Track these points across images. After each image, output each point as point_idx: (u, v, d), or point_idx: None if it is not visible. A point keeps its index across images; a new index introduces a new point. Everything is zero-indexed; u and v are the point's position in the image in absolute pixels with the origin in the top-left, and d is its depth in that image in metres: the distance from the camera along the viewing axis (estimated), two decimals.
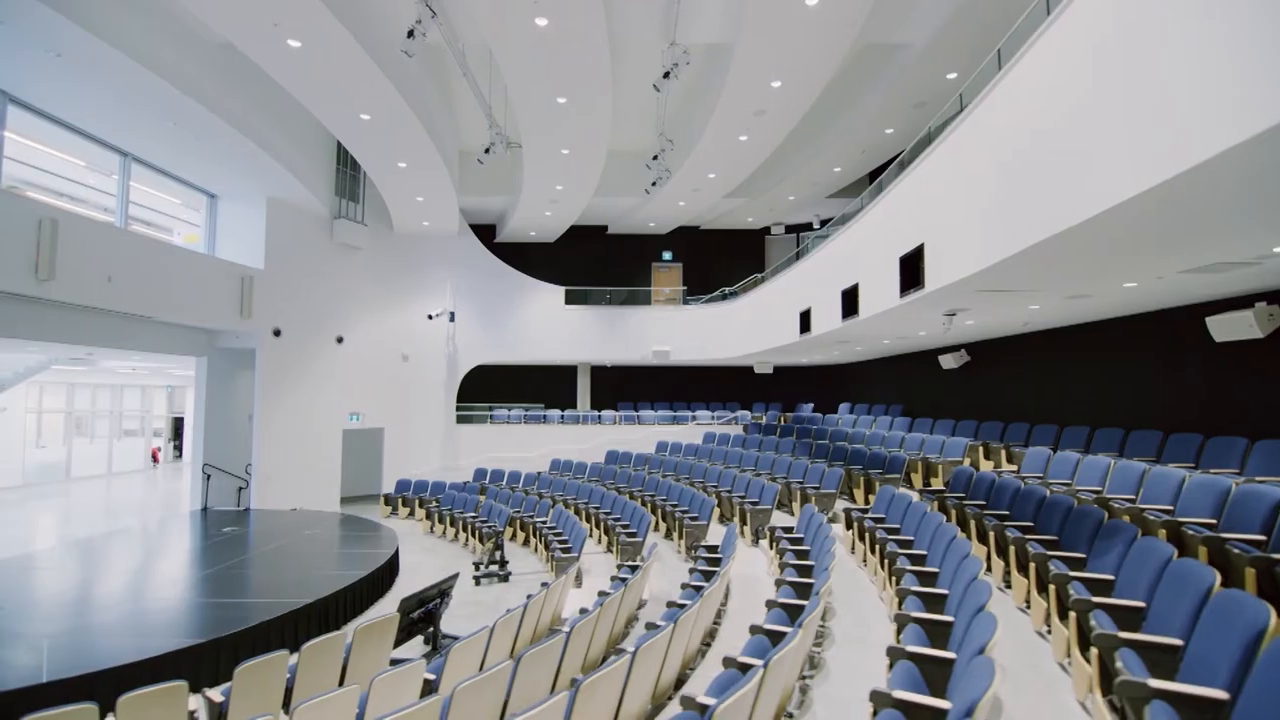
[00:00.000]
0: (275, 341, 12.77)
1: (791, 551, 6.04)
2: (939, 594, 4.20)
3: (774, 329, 11.96)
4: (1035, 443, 8.58)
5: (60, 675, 5.10)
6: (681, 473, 12.16)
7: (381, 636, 5.65)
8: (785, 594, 4.89)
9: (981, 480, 6.86)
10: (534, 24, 7.52)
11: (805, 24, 7.84)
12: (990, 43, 8.71)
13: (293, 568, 8.78)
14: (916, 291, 6.21)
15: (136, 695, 3.99)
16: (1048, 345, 9.05)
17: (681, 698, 3.25)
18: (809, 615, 3.80)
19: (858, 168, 13.43)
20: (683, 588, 5.92)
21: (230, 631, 6.08)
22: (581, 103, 9.49)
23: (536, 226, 16.07)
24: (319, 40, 7.50)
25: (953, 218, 5.50)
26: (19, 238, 7.91)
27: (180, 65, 8.53)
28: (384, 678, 4.35)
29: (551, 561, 9.20)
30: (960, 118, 5.39)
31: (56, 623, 6.38)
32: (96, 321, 9.93)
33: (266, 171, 11.34)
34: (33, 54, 7.65)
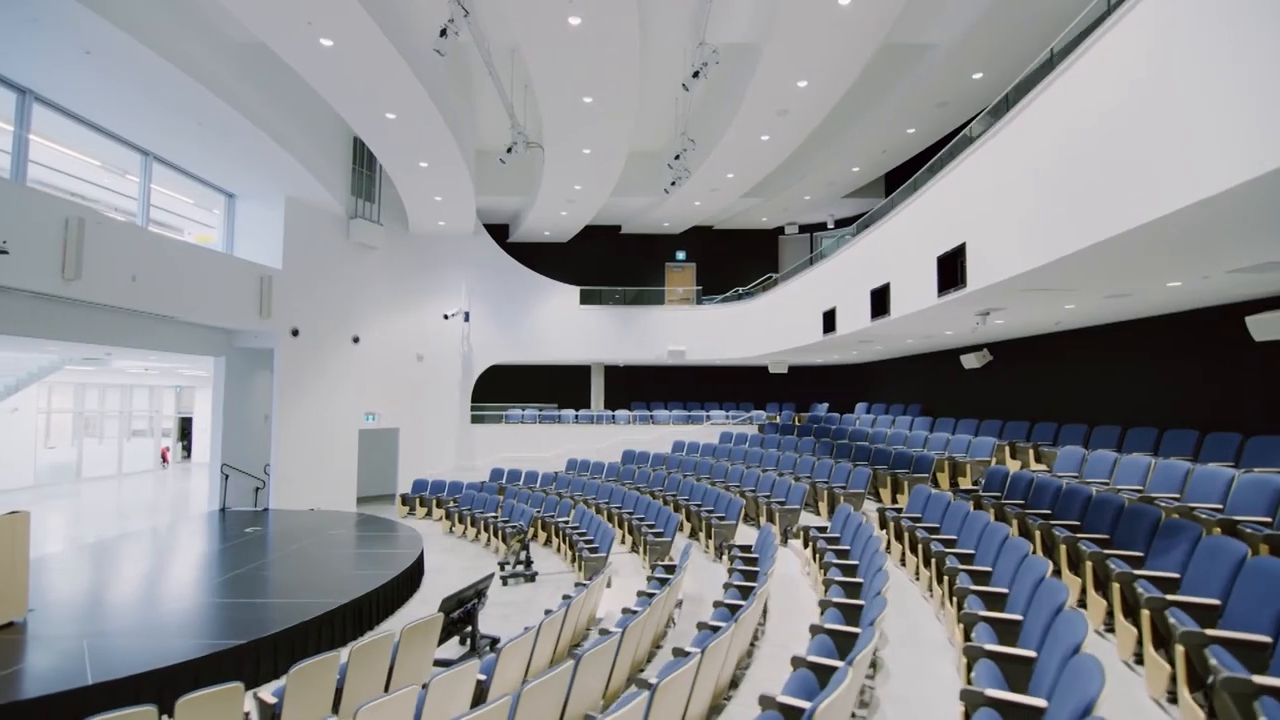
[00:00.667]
0: (293, 341, 12.73)
1: (833, 554, 5.98)
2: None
3: (794, 329, 11.96)
4: (1063, 442, 8.58)
5: (104, 678, 5.06)
6: (702, 472, 12.14)
7: (426, 637, 5.62)
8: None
9: (1019, 479, 6.85)
10: (567, 23, 7.50)
11: (836, 24, 7.83)
12: (1018, 44, 8.77)
13: (321, 568, 8.75)
14: (957, 291, 6.20)
15: (194, 697, 3.95)
16: (1074, 345, 9.06)
17: (761, 697, 3.23)
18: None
19: (877, 167, 13.44)
20: (726, 588, 5.90)
21: (270, 632, 6.05)
22: (608, 102, 9.47)
23: (551, 226, 16.05)
24: (351, 39, 7.47)
25: (999, 217, 5.49)
26: (46, 237, 7.87)
27: (208, 63, 8.51)
28: (441, 679, 4.34)
29: (578, 561, 9.19)
30: (1008, 117, 5.38)
31: (93, 624, 6.35)
32: (119, 321, 9.89)
33: (286, 171, 11.31)
34: (62, 52, 7.62)
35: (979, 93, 10.00)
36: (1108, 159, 4.07)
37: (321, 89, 8.79)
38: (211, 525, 11.23)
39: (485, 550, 11.15)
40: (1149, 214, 3.70)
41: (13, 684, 4.98)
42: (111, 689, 5.04)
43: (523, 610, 8.10)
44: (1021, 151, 5.17)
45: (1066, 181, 4.49)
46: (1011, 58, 9.07)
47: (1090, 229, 4.20)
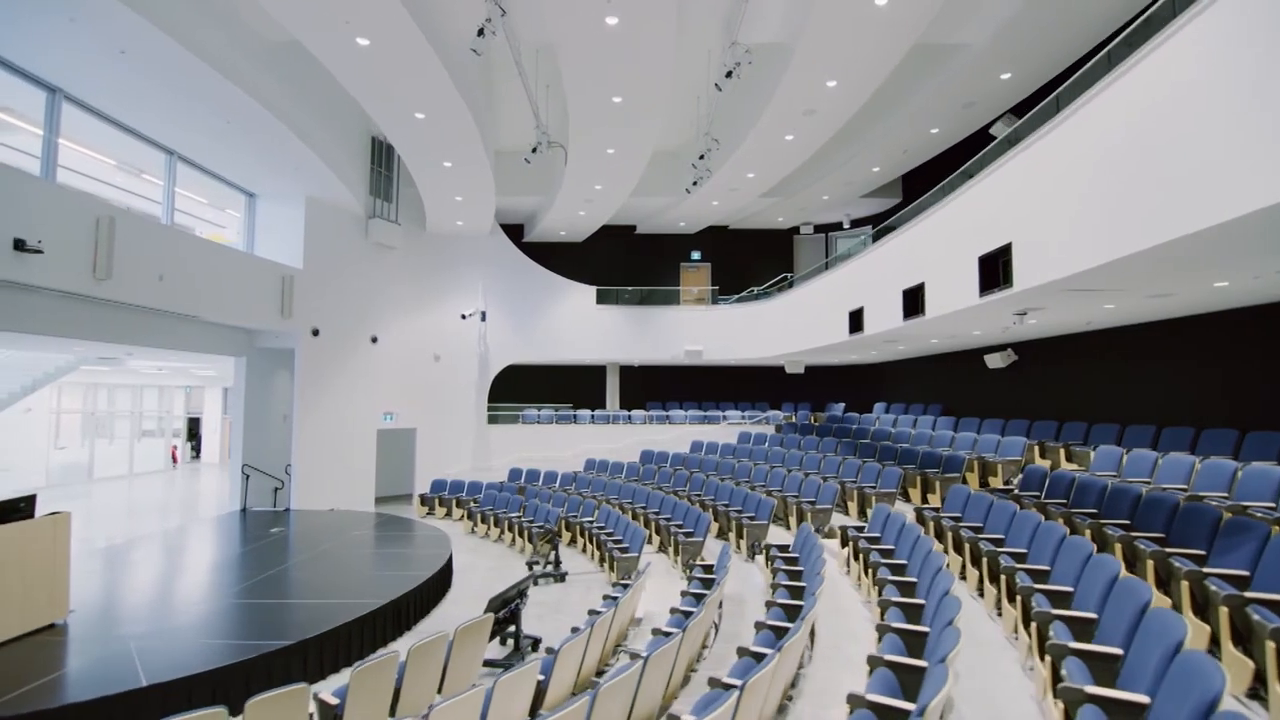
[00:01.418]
0: (313, 341, 12.70)
1: (882, 560, 5.90)
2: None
3: (816, 329, 11.96)
4: (1093, 442, 8.60)
5: (157, 679, 5.04)
6: (724, 472, 12.14)
7: (478, 637, 5.62)
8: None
9: (1060, 478, 6.87)
10: (604, 23, 7.50)
11: (871, 24, 7.84)
12: (1050, 44, 8.80)
13: (353, 568, 8.74)
14: (1001, 291, 6.21)
15: (263, 699, 3.94)
16: (1099, 344, 9.08)
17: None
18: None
19: (897, 167, 13.46)
20: (774, 587, 5.90)
21: (316, 633, 6.03)
22: (637, 102, 9.47)
23: (567, 226, 16.04)
24: (388, 38, 7.45)
25: (1050, 216, 5.49)
26: (77, 236, 7.84)
27: (239, 63, 8.48)
28: (506, 679, 4.34)
29: (609, 561, 9.18)
30: (1060, 118, 5.37)
31: (135, 625, 6.31)
32: (144, 321, 9.85)
33: (309, 171, 11.28)
34: (96, 51, 7.59)
35: (1006, 93, 10.02)
36: (1176, 159, 4.08)
37: (353, 88, 8.76)
38: (236, 526, 11.20)
39: (510, 550, 11.13)
40: (1222, 215, 3.71)
41: (68, 685, 4.96)
42: (165, 691, 5.02)
43: (556, 610, 8.08)
44: (1076, 151, 5.16)
45: (1129, 181, 4.50)
46: (1041, 58, 9.10)
47: (1156, 230, 4.20)
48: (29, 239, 7.15)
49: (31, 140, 8.86)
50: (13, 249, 7.05)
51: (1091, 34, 8.52)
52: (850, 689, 3.35)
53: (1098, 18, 8.16)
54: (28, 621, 5.99)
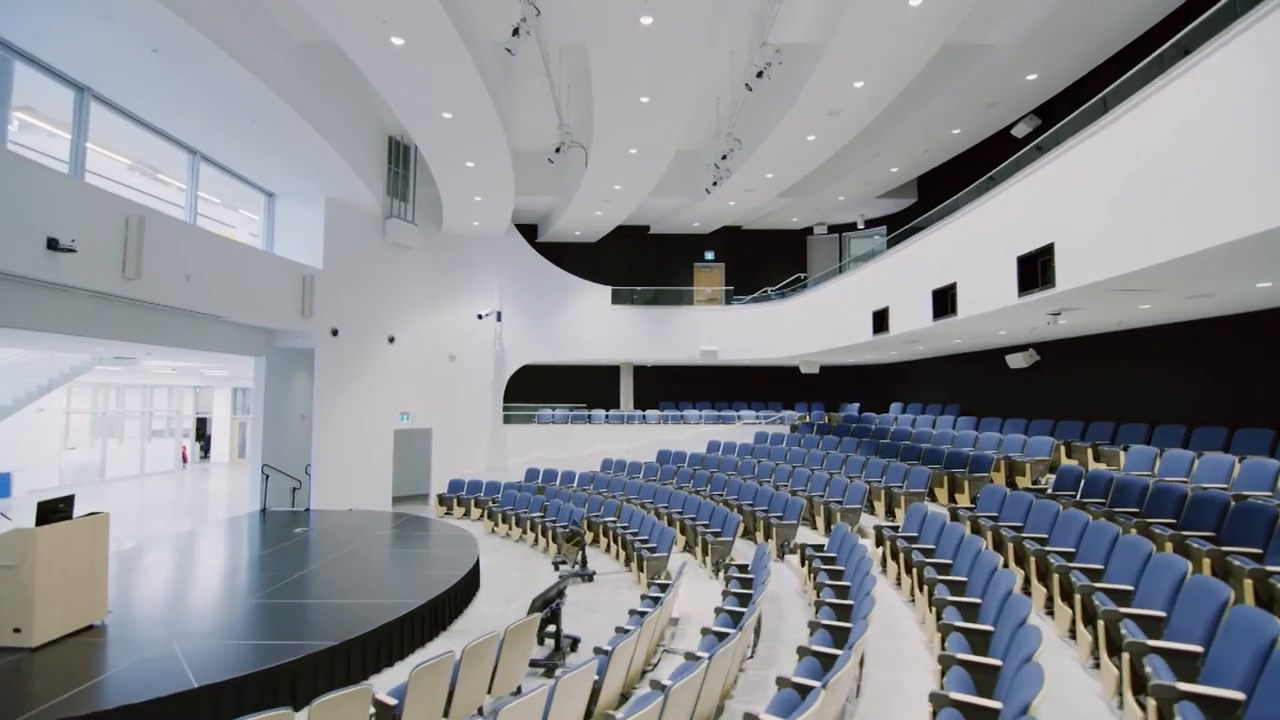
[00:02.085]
0: (332, 341, 12.68)
1: (932, 569, 5.85)
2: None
3: (837, 329, 11.98)
4: (1121, 441, 8.63)
5: (207, 681, 5.02)
6: (745, 472, 12.14)
7: (526, 637, 5.62)
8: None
9: (1097, 477, 6.88)
10: (639, 23, 7.50)
11: (903, 24, 7.86)
12: (1080, 44, 8.82)
13: (384, 568, 8.74)
14: (1042, 291, 6.23)
15: (328, 700, 3.93)
16: (1127, 344, 9.11)
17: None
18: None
19: (916, 167, 13.48)
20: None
21: (359, 634, 6.01)
22: (664, 102, 9.47)
23: (582, 226, 16.03)
24: (423, 37, 7.44)
25: (1098, 217, 5.51)
26: (107, 235, 7.81)
27: (270, 62, 8.46)
28: (567, 678, 4.33)
29: (637, 561, 9.16)
30: (1108, 119, 5.38)
31: (175, 626, 6.28)
32: (168, 320, 9.82)
33: (331, 171, 11.27)
34: (129, 50, 7.56)
35: (1030, 93, 10.05)
36: (1239, 159, 4.09)
37: (383, 88, 8.75)
38: (258, 526, 11.17)
39: (533, 550, 11.12)
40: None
41: (118, 687, 4.94)
42: (215, 692, 5.00)
43: (589, 610, 8.08)
44: (1127, 152, 5.18)
45: (1189, 181, 4.50)
46: (1069, 59, 9.13)
47: (1216, 231, 4.22)
48: (61, 238, 7.13)
49: (44, 139, 8.82)
50: (46, 248, 7.04)
51: (1120, 35, 8.55)
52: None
53: (1128, 19, 8.18)
54: (69, 622, 5.96)
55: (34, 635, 5.61)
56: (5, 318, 7.37)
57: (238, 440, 23.14)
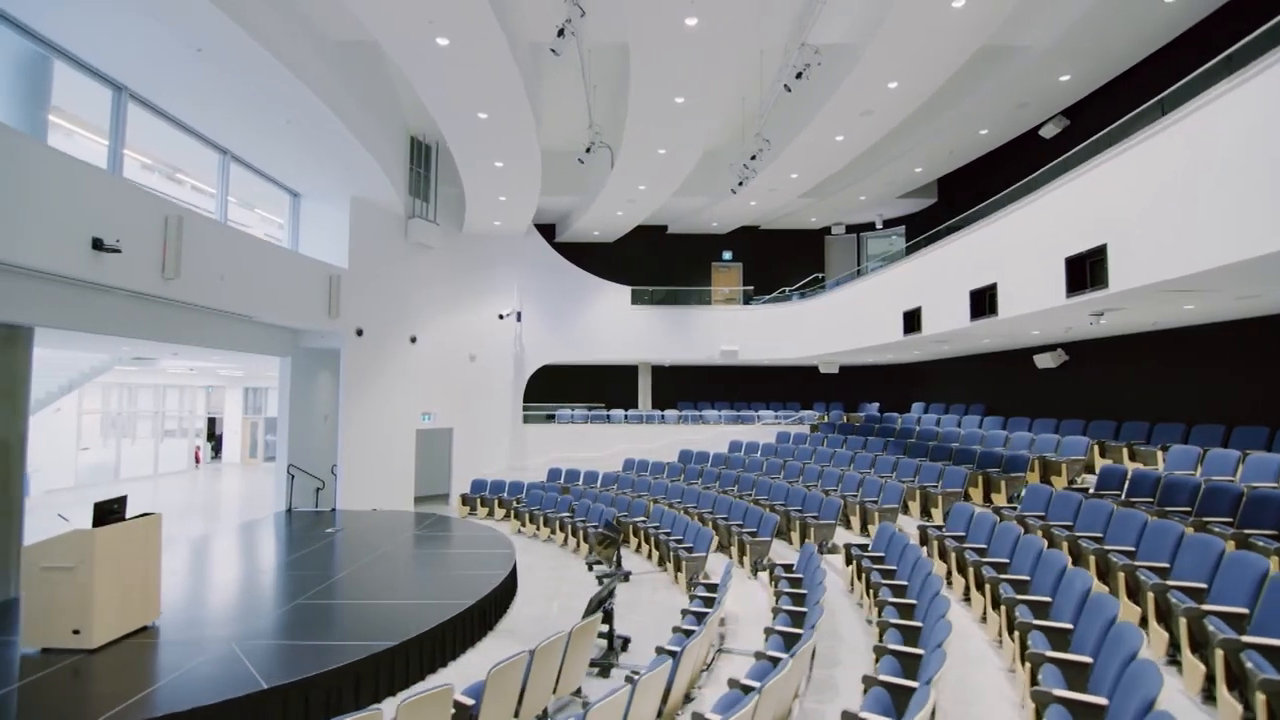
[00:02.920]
0: (357, 341, 12.67)
1: (989, 565, 5.88)
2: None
3: (863, 329, 12.00)
4: (1156, 441, 8.68)
5: (274, 682, 5.02)
6: (771, 472, 12.17)
7: (589, 636, 5.64)
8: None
9: (1142, 477, 6.92)
10: (684, 24, 7.51)
11: (944, 26, 7.89)
12: (1115, 45, 8.85)
13: (421, 568, 8.75)
14: (1093, 292, 6.26)
15: (415, 700, 3.95)
16: (1158, 343, 9.16)
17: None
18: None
19: (940, 168, 13.52)
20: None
21: (416, 633, 6.02)
22: (699, 103, 9.48)
23: (602, 226, 16.04)
24: (468, 38, 7.43)
25: (1157, 218, 5.53)
26: (147, 235, 7.79)
27: (309, 63, 8.44)
28: (647, 678, 4.36)
29: (673, 561, 9.18)
30: (1168, 120, 5.41)
31: (228, 627, 6.28)
32: (200, 320, 9.79)
33: (360, 171, 11.25)
34: (172, 49, 7.53)
35: (1061, 94, 10.09)
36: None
37: (422, 88, 8.74)
38: (288, 526, 11.15)
39: (562, 550, 11.13)
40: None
41: (189, 688, 4.93)
42: (284, 693, 5.01)
43: (630, 609, 8.10)
44: (1190, 152, 5.20)
45: (1255, 182, 4.54)
46: (1103, 60, 9.17)
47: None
48: (105, 238, 7.10)
49: (61, 137, 8.74)
50: (91, 248, 7.01)
51: (1155, 36, 8.60)
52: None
53: (1165, 20, 8.23)
54: (125, 624, 5.96)
55: (93, 637, 5.61)
56: (51, 318, 7.35)
57: (249, 440, 23.08)
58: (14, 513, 7.31)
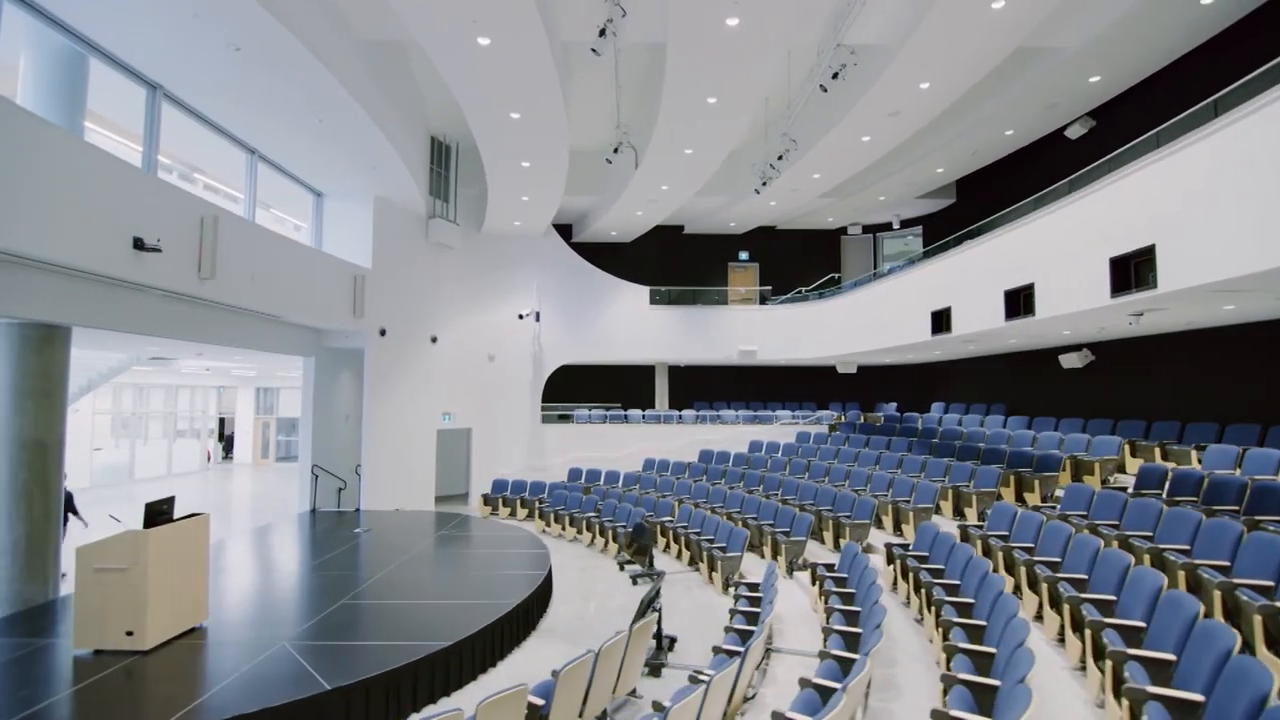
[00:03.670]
0: (380, 341, 12.65)
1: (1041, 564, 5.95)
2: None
3: (887, 329, 12.04)
4: (1189, 440, 8.72)
5: (336, 682, 5.00)
6: (796, 472, 12.18)
7: (646, 636, 5.64)
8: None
9: (1184, 476, 6.94)
10: (724, 24, 7.51)
11: (982, 26, 7.91)
12: (1148, 46, 8.88)
13: (460, 568, 8.76)
14: (1139, 292, 6.29)
15: (492, 701, 3.95)
16: (1188, 343, 9.20)
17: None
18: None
19: (962, 168, 13.55)
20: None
21: (468, 634, 6.02)
22: (731, 103, 9.49)
23: (620, 226, 16.03)
24: (510, 38, 7.43)
25: (1208, 219, 5.55)
26: (183, 235, 7.76)
27: (345, 62, 8.42)
28: (719, 678, 4.37)
29: (707, 561, 9.19)
30: (1224, 121, 5.44)
31: (279, 628, 6.25)
32: (230, 320, 9.77)
33: (386, 171, 11.23)
34: (211, 48, 7.50)
35: (1091, 95, 10.13)
36: None
37: (458, 88, 8.72)
38: (316, 526, 11.12)
39: (589, 550, 11.13)
40: None
41: (254, 689, 4.91)
42: (347, 694, 4.99)
43: (669, 609, 8.02)
44: (1246, 153, 5.22)
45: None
46: (1135, 61, 9.20)
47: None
48: (145, 237, 7.08)
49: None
50: (132, 248, 6.99)
51: (1190, 37, 8.63)
52: None
53: (1201, 21, 8.27)
54: (176, 625, 5.94)
55: (146, 638, 5.58)
56: (89, 317, 7.32)
57: (261, 440, 23.01)
58: (52, 515, 7.27)
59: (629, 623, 7.24)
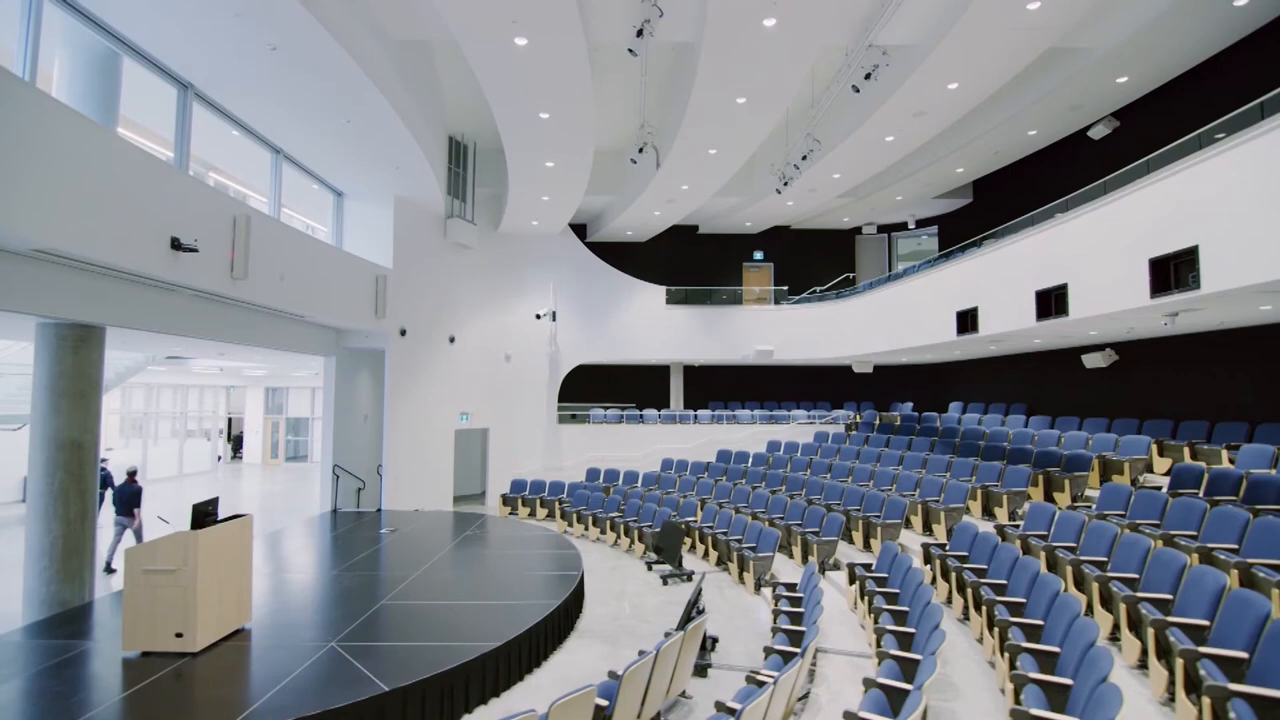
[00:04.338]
0: (400, 341, 12.63)
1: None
2: None
3: (908, 329, 12.05)
4: (1218, 440, 8.76)
5: (396, 684, 5.00)
6: (818, 472, 12.21)
7: (697, 639, 5.65)
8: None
9: (1222, 476, 6.97)
10: (762, 24, 7.52)
11: (1016, 27, 7.93)
12: (1178, 47, 8.91)
13: (495, 568, 8.76)
14: (1180, 293, 6.32)
15: (564, 702, 3.96)
16: (1215, 343, 9.24)
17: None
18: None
19: (983, 168, 13.58)
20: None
21: (515, 634, 6.01)
22: (760, 102, 9.50)
23: (636, 226, 16.03)
24: (548, 38, 7.42)
25: (1258, 219, 5.58)
26: (217, 235, 7.74)
27: (376, 61, 8.40)
28: (784, 678, 4.39)
29: (737, 561, 9.20)
30: (1271, 121, 5.46)
31: (325, 629, 6.23)
32: (257, 320, 9.75)
33: (408, 171, 11.21)
34: (247, 47, 7.48)
35: (1117, 96, 10.16)
36: None
37: (490, 88, 8.70)
38: (339, 526, 11.09)
39: (615, 550, 11.13)
40: None
41: (312, 691, 4.90)
42: (404, 695, 4.99)
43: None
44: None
45: None
46: (1163, 61, 9.23)
47: None
48: (182, 237, 7.06)
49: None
50: (170, 248, 6.96)
51: (1219, 38, 8.66)
52: None
53: (1232, 22, 8.30)
54: (223, 626, 5.93)
55: (196, 640, 5.57)
56: (123, 317, 7.30)
57: (270, 440, 22.94)
58: (88, 516, 7.25)
59: (665, 623, 7.30)
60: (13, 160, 5.07)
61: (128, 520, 9.65)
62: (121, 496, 9.70)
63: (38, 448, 6.95)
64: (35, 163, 5.27)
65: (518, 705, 5.55)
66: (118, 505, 9.67)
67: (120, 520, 9.65)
